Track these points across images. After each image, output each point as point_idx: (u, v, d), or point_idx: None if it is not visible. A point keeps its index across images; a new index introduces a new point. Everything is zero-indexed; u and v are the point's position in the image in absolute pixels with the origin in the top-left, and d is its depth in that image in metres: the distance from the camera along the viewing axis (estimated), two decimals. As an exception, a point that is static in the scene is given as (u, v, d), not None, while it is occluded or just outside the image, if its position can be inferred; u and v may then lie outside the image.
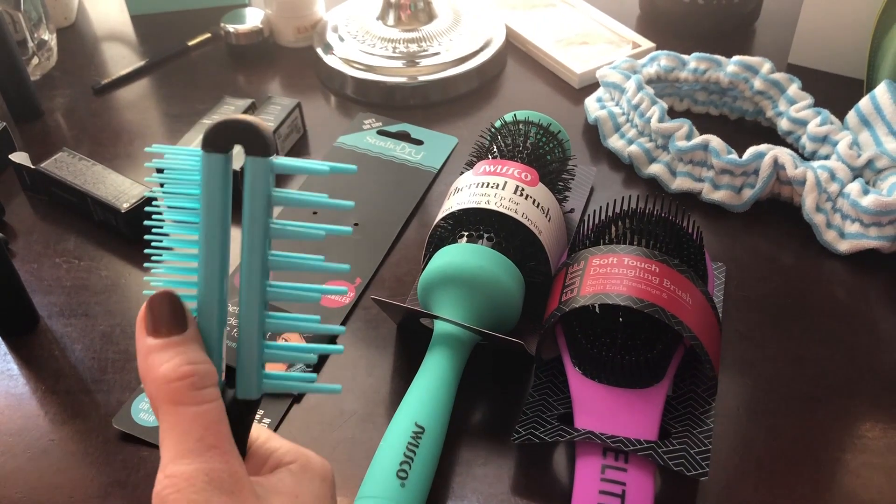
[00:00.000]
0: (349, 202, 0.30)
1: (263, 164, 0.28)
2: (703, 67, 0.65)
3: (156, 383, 0.27)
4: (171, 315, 0.28)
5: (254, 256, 0.29)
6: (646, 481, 0.40)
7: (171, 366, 0.27)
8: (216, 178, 0.28)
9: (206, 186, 0.28)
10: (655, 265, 0.43)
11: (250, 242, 0.29)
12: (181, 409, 0.27)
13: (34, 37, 0.75)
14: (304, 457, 0.31)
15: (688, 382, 0.45)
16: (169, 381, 0.27)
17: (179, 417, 0.27)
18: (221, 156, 0.28)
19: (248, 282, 0.29)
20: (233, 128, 0.27)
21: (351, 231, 0.30)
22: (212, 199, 0.28)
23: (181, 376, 0.27)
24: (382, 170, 0.64)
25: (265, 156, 0.28)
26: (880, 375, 0.48)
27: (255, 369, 0.29)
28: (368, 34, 0.74)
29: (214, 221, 0.28)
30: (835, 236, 0.55)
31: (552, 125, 0.56)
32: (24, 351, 0.51)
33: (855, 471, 0.43)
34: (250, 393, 0.30)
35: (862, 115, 0.58)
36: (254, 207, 0.28)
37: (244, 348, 0.29)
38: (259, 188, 0.28)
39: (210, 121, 0.64)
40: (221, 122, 0.27)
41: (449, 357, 0.45)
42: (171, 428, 0.27)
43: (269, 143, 0.28)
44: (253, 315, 0.29)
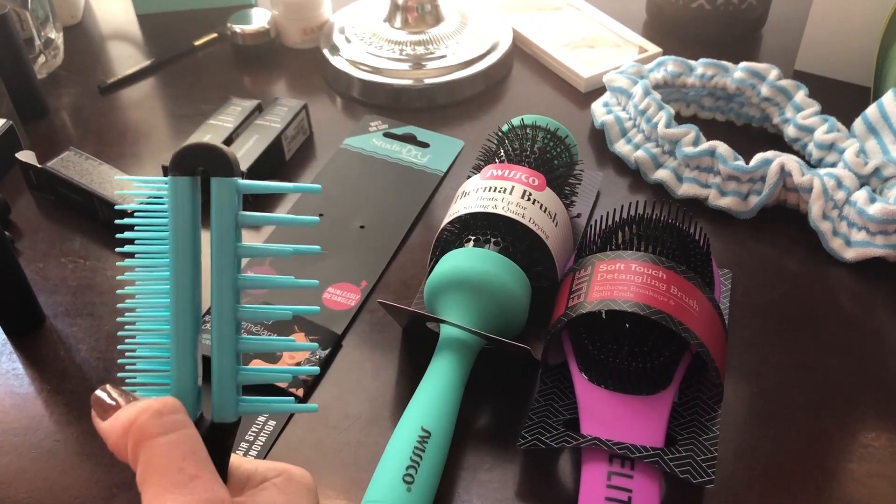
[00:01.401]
0: (314, 218, 0.30)
1: (228, 184, 0.28)
2: (710, 73, 0.65)
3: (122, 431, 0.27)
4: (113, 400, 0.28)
5: (224, 278, 0.29)
6: (652, 488, 0.40)
7: (129, 410, 0.27)
8: (184, 202, 0.28)
9: (175, 210, 0.29)
10: (663, 272, 0.43)
11: (219, 264, 0.29)
12: (153, 443, 0.26)
13: (41, 35, 0.75)
14: (286, 471, 0.31)
15: (694, 389, 0.45)
16: (132, 421, 0.27)
17: (154, 451, 0.26)
18: (188, 178, 0.28)
19: (220, 304, 0.29)
20: (197, 151, 0.28)
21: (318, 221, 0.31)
22: (180, 222, 0.29)
23: (141, 411, 0.27)
24: (388, 172, 0.64)
25: (229, 176, 0.28)
26: (886, 383, 0.48)
27: (230, 392, 0.30)
28: (375, 36, 0.74)
29: (184, 245, 0.29)
30: (841, 244, 0.55)
31: (559, 130, 0.56)
32: (29, 351, 0.51)
33: (860, 479, 0.43)
34: (227, 416, 0.30)
35: (869, 122, 0.58)
36: (221, 228, 0.29)
37: (219, 371, 0.29)
38: (226, 208, 0.29)
39: (217, 121, 0.65)
40: (186, 146, 0.28)
41: (455, 361, 0.45)
42: (148, 465, 0.26)
43: (232, 165, 0.29)
44: (226, 338, 0.29)
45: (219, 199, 0.28)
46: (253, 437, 0.45)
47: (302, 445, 0.45)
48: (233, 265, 0.29)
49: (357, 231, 0.59)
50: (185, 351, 0.29)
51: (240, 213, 0.29)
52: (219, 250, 0.29)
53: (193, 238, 0.29)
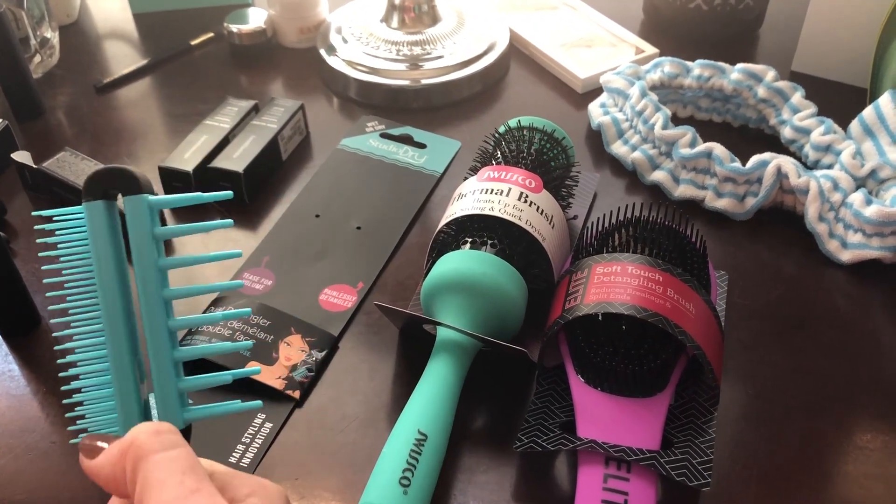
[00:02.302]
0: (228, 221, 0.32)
1: (139, 201, 0.30)
2: (706, 74, 0.65)
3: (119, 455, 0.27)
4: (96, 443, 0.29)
5: (149, 292, 0.30)
6: (648, 491, 0.40)
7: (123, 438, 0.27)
8: (100, 224, 0.30)
9: (93, 234, 0.30)
10: (659, 274, 0.43)
11: (142, 277, 0.30)
12: (153, 459, 0.26)
13: (36, 34, 0.74)
14: (262, 487, 0.30)
15: (690, 391, 0.45)
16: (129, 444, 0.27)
17: (154, 467, 0.26)
18: (101, 202, 0.30)
19: (149, 317, 0.30)
20: (105, 175, 0.29)
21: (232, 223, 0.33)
22: (100, 244, 0.30)
23: (138, 431, 0.27)
24: (385, 173, 0.64)
25: (137, 194, 0.30)
26: (882, 385, 0.48)
27: (174, 402, 0.30)
28: (372, 36, 0.74)
29: (107, 266, 0.30)
30: (837, 246, 0.55)
31: (556, 131, 0.56)
32: (25, 352, 0.51)
33: (856, 481, 0.43)
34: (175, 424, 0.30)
35: (865, 124, 0.58)
36: (138, 244, 0.30)
37: (159, 383, 0.30)
38: (140, 225, 0.30)
39: (213, 122, 0.65)
40: (94, 172, 0.30)
41: (451, 364, 0.45)
42: (148, 480, 0.26)
43: (140, 182, 0.30)
44: (161, 349, 0.30)
45: (132, 216, 0.30)
46: (249, 440, 0.45)
47: (298, 447, 0.45)
48: (156, 278, 0.30)
49: (353, 232, 0.59)
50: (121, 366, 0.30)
51: (156, 227, 0.30)
52: (139, 264, 0.30)
53: (116, 258, 0.30)
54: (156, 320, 0.30)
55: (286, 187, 0.63)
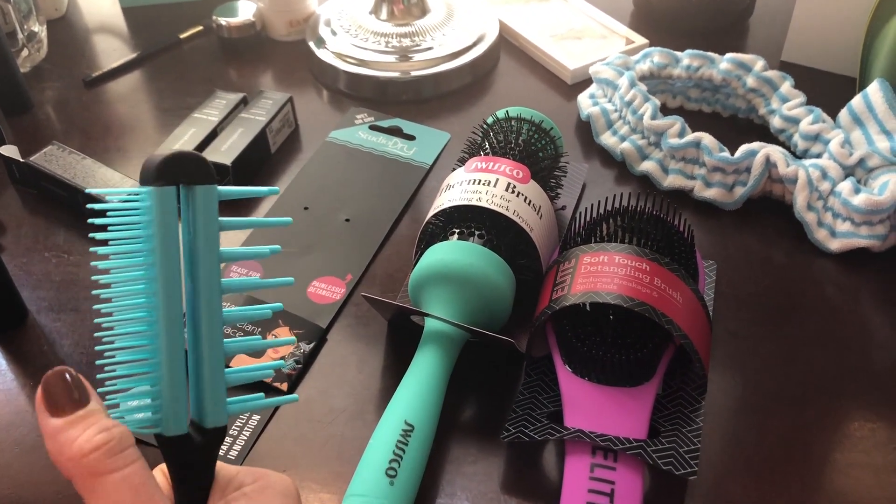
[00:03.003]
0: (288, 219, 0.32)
1: (212, 191, 0.28)
2: (696, 64, 0.65)
3: (72, 461, 0.26)
4: (69, 392, 0.27)
5: (212, 285, 0.29)
6: (635, 480, 0.40)
7: (84, 439, 0.26)
8: (170, 212, 0.28)
9: (162, 221, 0.28)
10: (646, 263, 0.43)
11: (208, 272, 0.29)
12: (105, 480, 0.26)
13: (24, 28, 0.74)
14: (263, 477, 0.30)
15: (678, 381, 0.45)
16: (85, 455, 0.26)
17: (106, 488, 0.26)
18: (173, 188, 0.28)
19: (210, 311, 0.29)
20: (183, 159, 0.28)
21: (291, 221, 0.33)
22: (169, 232, 0.28)
23: (96, 446, 0.26)
24: (374, 165, 0.64)
25: (210, 184, 0.28)
26: (870, 374, 0.48)
27: (221, 396, 0.30)
28: (361, 28, 0.74)
29: (173, 257, 0.28)
30: (826, 235, 0.55)
31: (544, 122, 0.56)
32: (12, 346, 0.51)
33: (844, 469, 0.43)
34: (221, 420, 0.30)
35: (854, 113, 0.58)
36: (209, 236, 0.29)
37: (210, 377, 0.29)
38: (211, 216, 0.29)
39: (202, 115, 0.64)
40: (169, 155, 0.28)
41: (439, 355, 0.44)
42: (101, 500, 0.26)
43: (213, 172, 0.28)
44: (216, 344, 0.29)
45: (204, 206, 0.28)
46: (237, 432, 0.45)
47: (286, 440, 0.45)
48: (219, 272, 0.29)
49: (342, 224, 0.58)
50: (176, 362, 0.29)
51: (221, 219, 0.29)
52: (206, 257, 0.29)
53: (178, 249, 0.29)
54: (215, 313, 0.29)
55: (275, 180, 0.63)
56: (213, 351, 0.29)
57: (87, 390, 0.27)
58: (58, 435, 0.26)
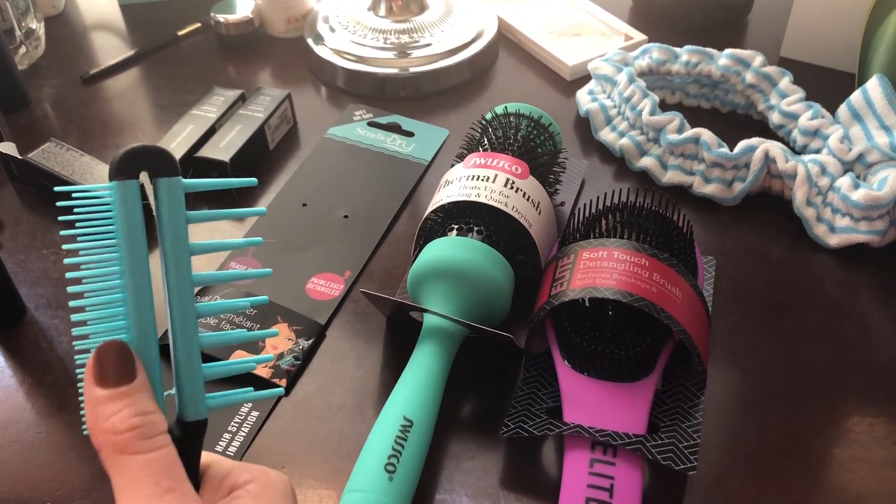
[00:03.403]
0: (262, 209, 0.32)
1: (176, 183, 0.28)
2: (694, 60, 0.65)
3: (104, 434, 0.26)
4: (119, 365, 0.27)
5: (182, 278, 0.29)
6: (634, 475, 0.40)
7: (119, 417, 0.27)
8: (133, 206, 0.28)
9: (124, 215, 0.28)
10: (645, 259, 0.43)
11: (177, 264, 0.29)
12: (130, 459, 0.26)
13: (21, 25, 0.74)
14: (263, 474, 0.30)
15: (677, 376, 0.45)
16: (118, 433, 0.26)
17: (130, 465, 0.26)
18: (135, 181, 0.28)
19: (181, 305, 0.29)
20: (140, 153, 0.28)
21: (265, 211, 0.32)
22: (132, 226, 0.28)
23: (130, 427, 0.26)
24: (373, 161, 0.64)
25: (174, 176, 0.28)
26: (869, 370, 0.48)
27: (199, 389, 0.30)
28: (359, 25, 0.74)
29: (138, 250, 0.28)
30: (825, 230, 0.55)
31: (543, 117, 0.55)
32: (10, 343, 0.51)
33: (843, 465, 0.43)
34: (200, 413, 0.30)
35: (853, 109, 0.58)
36: (175, 228, 0.29)
37: (184, 371, 0.29)
38: (177, 208, 0.28)
39: (200, 112, 0.64)
40: (129, 150, 0.28)
41: (438, 350, 0.44)
42: (123, 475, 0.26)
43: (176, 164, 0.29)
44: (189, 337, 0.29)
45: (168, 198, 0.28)
46: (235, 428, 0.45)
47: (285, 436, 0.45)
48: (188, 264, 0.29)
49: (341, 221, 0.58)
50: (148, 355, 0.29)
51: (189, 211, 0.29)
52: (174, 250, 0.29)
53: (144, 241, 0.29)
54: (187, 307, 0.29)
55: (273, 176, 0.63)
56: (186, 344, 0.29)
57: (135, 368, 0.28)
58: (98, 406, 0.27)
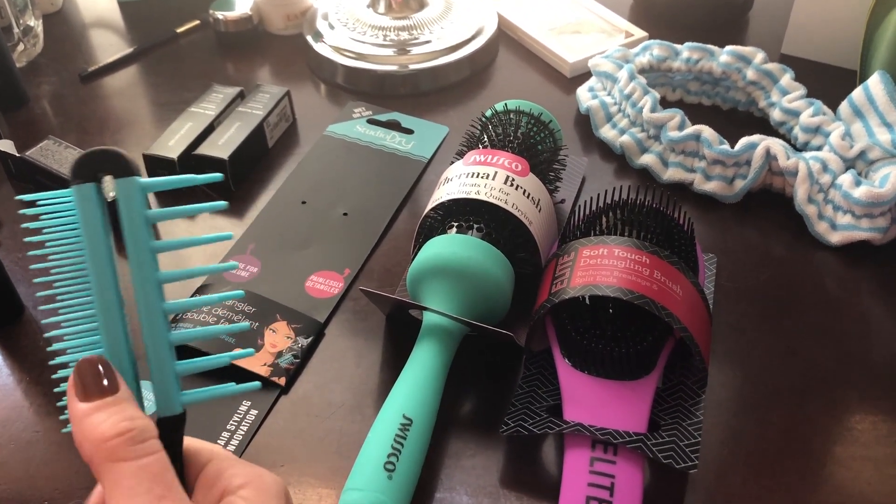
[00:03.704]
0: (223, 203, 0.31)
1: (132, 183, 0.29)
2: (695, 57, 0.64)
3: (93, 444, 0.26)
4: (99, 379, 0.28)
5: (145, 276, 0.29)
6: (635, 474, 0.39)
7: (108, 425, 0.27)
8: (92, 207, 0.29)
9: (84, 218, 0.29)
10: (646, 256, 0.43)
11: (138, 261, 0.29)
12: (122, 466, 0.26)
13: (19, 23, 0.74)
14: (258, 478, 0.30)
15: (678, 374, 0.45)
16: (107, 440, 0.26)
17: (122, 473, 0.26)
18: (93, 184, 0.29)
19: (146, 302, 0.29)
20: (97, 156, 0.28)
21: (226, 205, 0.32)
22: (92, 228, 0.29)
23: (119, 432, 0.26)
24: (372, 159, 0.63)
25: (130, 176, 0.29)
26: (870, 367, 0.48)
27: (171, 385, 0.30)
28: (359, 22, 0.74)
29: (101, 253, 0.29)
30: (826, 228, 0.55)
31: (543, 114, 0.55)
32: (8, 342, 0.51)
33: (844, 462, 0.43)
34: (173, 409, 0.29)
35: (855, 105, 0.58)
36: (133, 227, 0.29)
37: (155, 366, 0.29)
38: (134, 208, 0.29)
39: (198, 109, 0.64)
40: (84, 154, 0.29)
41: (437, 348, 0.44)
42: (116, 485, 0.26)
43: (132, 164, 0.29)
44: (158, 333, 0.29)
45: (125, 198, 0.29)
46: (234, 427, 0.45)
47: (284, 434, 0.45)
48: (151, 261, 0.29)
49: (340, 218, 0.58)
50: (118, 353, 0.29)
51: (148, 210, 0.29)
52: (134, 248, 0.29)
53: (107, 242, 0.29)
54: (152, 304, 0.29)
55: (272, 174, 0.63)
56: (155, 341, 0.29)
57: (116, 380, 0.28)
58: (84, 419, 0.27)
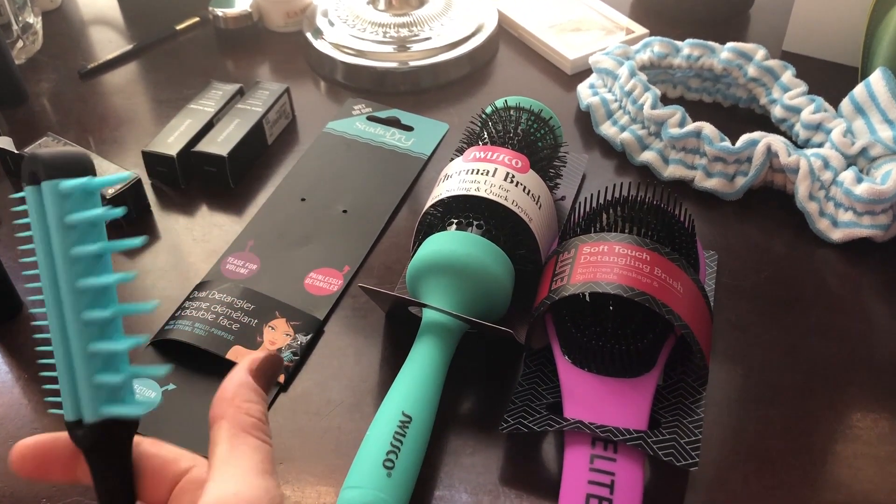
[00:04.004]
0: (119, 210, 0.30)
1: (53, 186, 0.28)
2: (696, 54, 0.64)
3: (237, 410, 0.30)
4: (272, 375, 0.32)
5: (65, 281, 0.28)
6: (635, 471, 0.39)
7: (254, 407, 0.30)
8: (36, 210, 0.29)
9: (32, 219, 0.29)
10: (646, 253, 0.43)
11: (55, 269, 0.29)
12: (250, 437, 0.29)
13: (19, 20, 0.73)
14: None
15: (678, 372, 0.45)
16: (250, 415, 0.30)
17: (248, 442, 0.29)
18: (34, 188, 0.28)
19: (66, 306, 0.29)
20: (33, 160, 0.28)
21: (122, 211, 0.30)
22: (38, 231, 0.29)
23: (259, 419, 0.30)
24: (372, 156, 0.63)
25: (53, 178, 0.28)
26: (872, 365, 0.47)
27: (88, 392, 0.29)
28: (359, 19, 0.73)
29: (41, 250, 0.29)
30: (828, 225, 0.55)
31: (544, 111, 0.55)
32: (6, 338, 0.50)
33: (846, 461, 0.43)
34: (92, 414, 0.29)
35: (856, 102, 0.57)
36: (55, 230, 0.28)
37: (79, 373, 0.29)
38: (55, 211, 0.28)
39: (198, 106, 0.64)
40: (27, 157, 0.28)
41: (437, 346, 0.44)
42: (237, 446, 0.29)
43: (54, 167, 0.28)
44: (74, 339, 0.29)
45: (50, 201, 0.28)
46: (233, 424, 0.45)
47: (283, 432, 0.45)
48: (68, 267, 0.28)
49: (340, 215, 0.58)
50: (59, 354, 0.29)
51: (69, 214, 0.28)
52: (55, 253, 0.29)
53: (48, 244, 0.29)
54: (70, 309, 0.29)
55: (271, 171, 0.62)
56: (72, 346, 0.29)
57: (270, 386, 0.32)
58: (242, 387, 0.30)
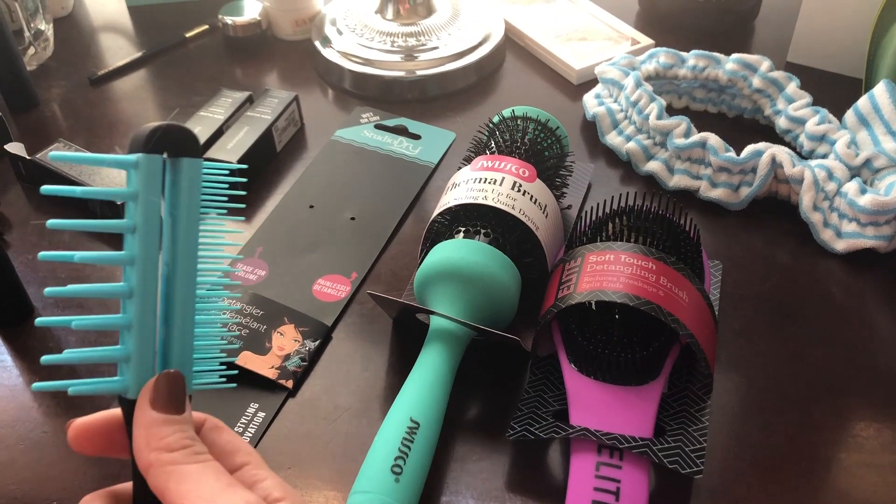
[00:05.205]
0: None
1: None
2: (701, 65, 0.65)
3: (158, 452, 0.28)
4: (175, 396, 0.29)
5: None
6: (640, 479, 0.39)
7: (174, 438, 0.28)
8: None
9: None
10: (652, 263, 0.43)
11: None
12: (188, 466, 0.28)
13: (30, 27, 0.74)
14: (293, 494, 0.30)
15: (683, 380, 0.45)
16: (172, 450, 0.28)
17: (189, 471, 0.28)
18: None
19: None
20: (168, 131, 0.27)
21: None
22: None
23: (184, 446, 0.28)
24: (379, 164, 0.64)
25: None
26: (876, 374, 0.48)
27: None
28: (367, 28, 0.74)
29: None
30: (832, 235, 0.55)
31: (550, 121, 0.56)
32: (18, 342, 0.51)
33: (849, 469, 0.43)
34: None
35: (860, 114, 0.58)
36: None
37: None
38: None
39: (207, 113, 0.64)
40: (159, 126, 0.27)
41: (444, 352, 0.44)
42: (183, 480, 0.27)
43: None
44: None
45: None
46: (242, 429, 0.45)
47: (291, 437, 0.45)
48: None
49: (348, 223, 0.58)
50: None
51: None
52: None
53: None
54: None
55: (280, 178, 0.63)
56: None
57: (185, 401, 0.30)
58: (151, 427, 0.28)
